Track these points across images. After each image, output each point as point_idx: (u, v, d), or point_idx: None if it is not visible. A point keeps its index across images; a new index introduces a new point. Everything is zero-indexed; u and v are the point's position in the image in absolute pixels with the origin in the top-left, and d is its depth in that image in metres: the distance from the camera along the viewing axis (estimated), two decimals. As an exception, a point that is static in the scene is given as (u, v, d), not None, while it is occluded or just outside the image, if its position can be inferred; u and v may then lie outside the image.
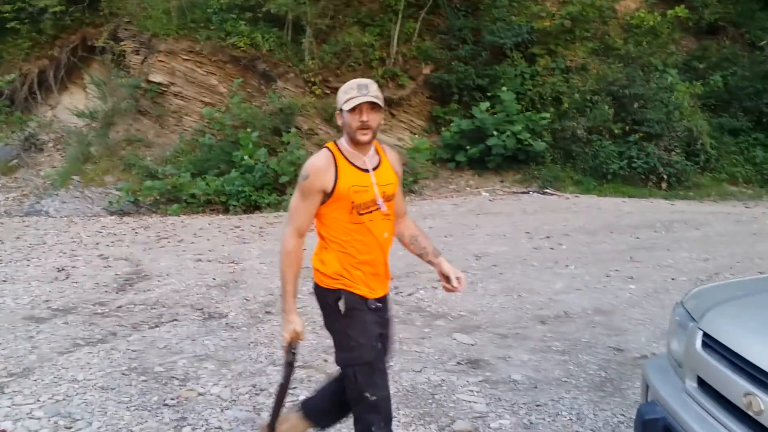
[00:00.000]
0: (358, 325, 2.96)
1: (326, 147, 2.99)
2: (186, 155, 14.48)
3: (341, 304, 2.93)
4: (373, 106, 2.83)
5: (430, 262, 3.19)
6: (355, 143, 2.90)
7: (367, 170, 2.91)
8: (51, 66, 16.65)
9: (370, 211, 2.90)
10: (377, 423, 2.92)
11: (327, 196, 2.90)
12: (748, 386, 2.28)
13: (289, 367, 3.04)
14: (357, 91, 2.81)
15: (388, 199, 2.94)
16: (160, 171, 13.69)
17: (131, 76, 15.92)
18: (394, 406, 4.26)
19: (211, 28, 15.65)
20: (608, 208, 12.11)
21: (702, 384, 2.60)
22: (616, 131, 15.66)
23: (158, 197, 13.37)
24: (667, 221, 10.98)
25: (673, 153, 15.41)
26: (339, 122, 2.96)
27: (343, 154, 2.92)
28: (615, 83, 15.93)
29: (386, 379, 3.03)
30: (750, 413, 2.26)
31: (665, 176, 15.20)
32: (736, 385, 2.34)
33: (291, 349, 2.97)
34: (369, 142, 2.91)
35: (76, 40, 16.75)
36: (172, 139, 15.41)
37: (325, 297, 3.02)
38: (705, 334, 2.63)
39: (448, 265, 3.14)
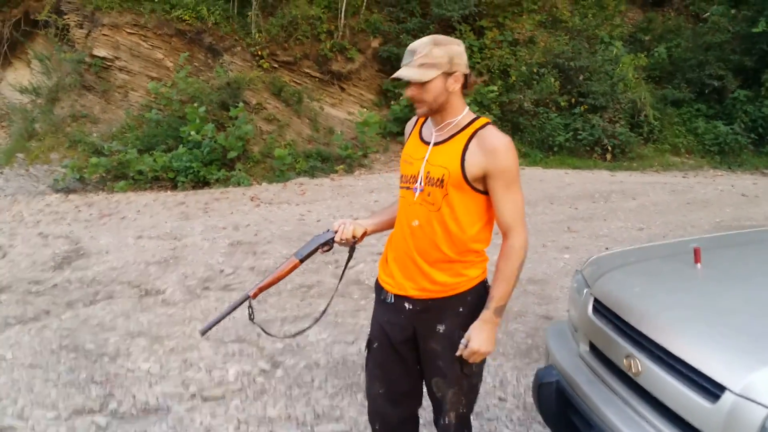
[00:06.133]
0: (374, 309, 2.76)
1: None
2: (133, 131, 14.26)
3: None
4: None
5: None
6: None
7: (428, 143, 2.51)
8: (-8, 40, 16.22)
9: (407, 188, 2.53)
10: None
11: None
12: (629, 348, 2.41)
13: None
14: (405, 58, 2.40)
15: (431, 182, 2.44)
16: (106, 147, 13.47)
17: (75, 50, 15.57)
18: (322, 377, 4.38)
19: (155, 0, 15.37)
20: (550, 180, 12.30)
21: (593, 348, 2.73)
22: (562, 103, 15.86)
23: (105, 174, 13.16)
24: (606, 192, 11.20)
25: (618, 124, 15.65)
26: None
27: (423, 122, 2.62)
28: (561, 56, 16.08)
29: (374, 383, 2.73)
30: (630, 374, 2.39)
31: (610, 147, 15.44)
32: (619, 348, 2.47)
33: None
34: (424, 116, 2.52)
35: (18, 14, 16.26)
36: (118, 114, 15.16)
37: None
38: (596, 300, 2.75)
39: (475, 325, 2.46)
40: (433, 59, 2.35)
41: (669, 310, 2.40)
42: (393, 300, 2.58)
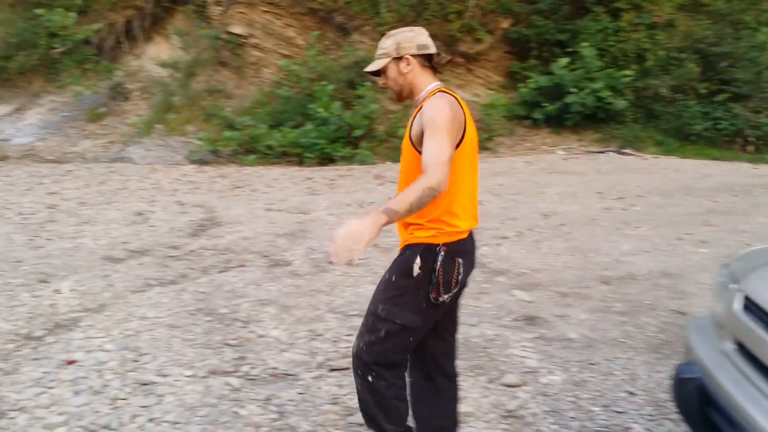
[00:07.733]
0: None
1: None
2: (264, 107, 14.72)
3: None
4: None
5: None
6: None
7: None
8: (137, 16, 17.01)
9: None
10: None
11: None
12: (784, 350, 2.26)
13: None
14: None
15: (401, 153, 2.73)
16: (238, 122, 13.99)
17: (212, 27, 16.21)
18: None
19: (290, -20, 15.74)
20: (687, 170, 11.76)
21: (740, 346, 2.58)
22: (702, 91, 15.09)
23: (237, 147, 13.68)
24: (747, 185, 10.59)
25: (762, 115, 14.77)
26: None
27: None
28: (703, 41, 15.30)
29: None
30: (784, 378, 2.24)
31: (752, 139, 14.60)
32: (772, 349, 2.32)
33: None
34: (397, 101, 2.83)
35: (160, -10, 17.10)
36: (250, 90, 15.68)
37: None
38: (746, 297, 2.60)
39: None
40: (384, 50, 2.67)
41: (832, 312, 2.24)
42: None
